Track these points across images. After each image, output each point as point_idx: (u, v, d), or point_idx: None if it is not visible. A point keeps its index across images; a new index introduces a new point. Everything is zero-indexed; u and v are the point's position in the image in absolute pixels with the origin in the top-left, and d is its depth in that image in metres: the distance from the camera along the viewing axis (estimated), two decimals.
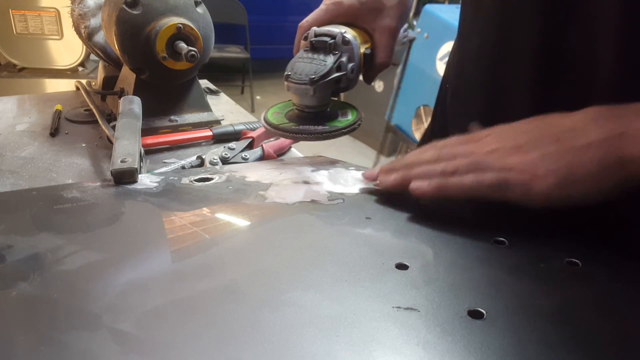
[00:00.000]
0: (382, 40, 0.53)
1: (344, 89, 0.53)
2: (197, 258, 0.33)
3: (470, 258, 0.34)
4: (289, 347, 0.25)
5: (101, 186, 0.44)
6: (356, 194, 0.44)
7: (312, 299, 0.28)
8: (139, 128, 0.55)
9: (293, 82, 0.50)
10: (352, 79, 0.52)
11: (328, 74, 0.49)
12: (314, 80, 0.49)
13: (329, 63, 0.50)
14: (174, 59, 0.70)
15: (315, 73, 0.49)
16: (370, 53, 0.53)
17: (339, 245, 0.35)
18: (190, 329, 0.26)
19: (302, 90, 0.50)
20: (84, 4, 0.81)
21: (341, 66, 0.51)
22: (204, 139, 0.74)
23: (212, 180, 0.47)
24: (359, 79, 0.54)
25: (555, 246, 0.36)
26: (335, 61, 0.50)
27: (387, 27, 0.53)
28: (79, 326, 0.26)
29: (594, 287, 0.31)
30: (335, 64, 0.50)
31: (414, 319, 0.27)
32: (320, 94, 0.51)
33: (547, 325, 0.26)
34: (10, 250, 0.33)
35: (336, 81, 0.51)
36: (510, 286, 0.30)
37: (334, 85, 0.51)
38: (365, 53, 0.53)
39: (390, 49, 0.54)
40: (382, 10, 0.53)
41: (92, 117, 0.79)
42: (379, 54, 0.53)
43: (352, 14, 0.53)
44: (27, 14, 1.66)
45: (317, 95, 0.50)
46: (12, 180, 0.59)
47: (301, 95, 0.52)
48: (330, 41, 0.51)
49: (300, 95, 0.52)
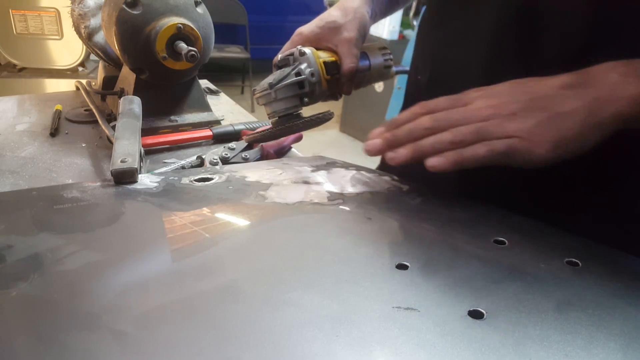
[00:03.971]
0: (343, 49, 0.61)
1: (310, 94, 0.60)
2: (197, 258, 0.33)
3: (470, 258, 0.34)
4: (289, 347, 0.25)
5: (101, 186, 0.44)
6: (356, 194, 0.44)
7: (312, 299, 0.28)
8: (139, 128, 0.55)
9: (258, 93, 0.60)
10: (314, 82, 0.59)
11: (285, 78, 0.58)
12: (272, 84, 0.58)
13: (287, 70, 0.59)
14: (174, 59, 0.70)
15: (274, 79, 0.58)
16: (334, 62, 0.61)
17: (339, 245, 0.35)
18: (190, 329, 0.26)
19: (267, 96, 0.60)
20: (84, 4, 0.81)
21: (300, 72, 0.58)
22: (204, 139, 0.74)
23: (212, 180, 0.47)
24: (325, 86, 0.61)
25: (555, 246, 0.36)
26: (293, 68, 0.59)
27: (345, 38, 0.61)
28: (79, 326, 0.26)
29: (594, 287, 0.31)
30: (293, 70, 0.59)
31: (414, 319, 0.27)
32: (283, 96, 0.59)
33: (547, 325, 0.27)
34: (10, 250, 0.32)
35: (299, 85, 0.59)
36: (510, 286, 0.30)
37: (296, 88, 0.59)
38: (326, 61, 0.60)
39: (353, 56, 0.61)
40: (339, 27, 0.62)
41: (92, 117, 0.79)
42: (343, 61, 0.61)
43: (313, 38, 0.62)
44: (27, 14, 1.66)
45: (281, 98, 0.59)
46: (12, 180, 0.59)
47: (268, 102, 0.60)
48: (289, 56, 0.60)
49: (267, 103, 0.61)
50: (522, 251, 0.35)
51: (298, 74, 0.58)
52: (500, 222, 0.39)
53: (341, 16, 0.62)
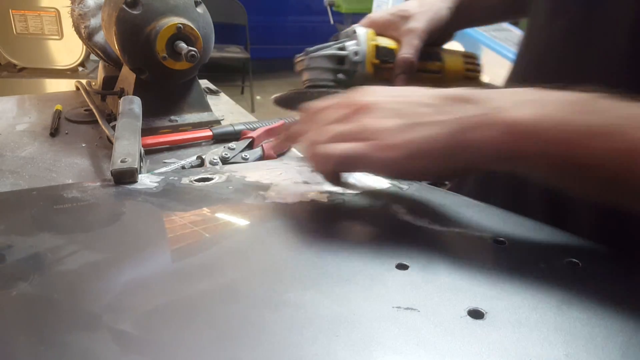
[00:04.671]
0: (405, 39, 0.57)
1: (348, 72, 0.56)
2: (197, 258, 0.33)
3: (470, 258, 0.34)
4: (289, 347, 0.25)
5: (101, 186, 0.44)
6: (356, 194, 0.44)
7: (312, 299, 0.28)
8: (139, 128, 0.55)
9: (298, 58, 0.57)
10: (357, 62, 0.56)
11: (323, 48, 0.56)
12: (309, 51, 0.56)
13: (330, 42, 0.56)
14: (174, 59, 0.70)
15: (315, 48, 0.56)
16: (389, 49, 0.57)
17: (339, 245, 0.35)
18: (190, 329, 0.26)
19: (301, 62, 0.57)
20: (84, 4, 0.81)
21: (343, 48, 0.55)
22: (204, 139, 0.74)
23: (212, 180, 0.47)
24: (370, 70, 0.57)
25: (555, 246, 0.36)
26: (337, 42, 0.56)
27: (409, 28, 0.57)
28: (79, 326, 0.26)
29: (594, 287, 0.31)
30: (337, 44, 0.56)
31: (414, 319, 0.27)
32: (315, 65, 0.56)
33: (547, 325, 0.27)
34: (10, 250, 0.33)
35: (338, 60, 0.55)
36: (510, 286, 0.30)
37: (334, 62, 0.56)
38: (380, 45, 0.57)
39: (411, 46, 0.57)
40: (409, 17, 0.58)
41: (92, 117, 0.79)
42: (401, 50, 0.57)
43: (380, 24, 0.59)
44: (27, 14, 1.66)
45: (313, 67, 0.56)
46: (12, 180, 0.59)
47: (301, 69, 0.58)
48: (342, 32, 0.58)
49: (301, 70, 0.58)
50: (522, 251, 0.35)
51: (342, 49, 0.55)
52: (500, 222, 0.39)
53: (416, 6, 0.59)
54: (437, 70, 0.60)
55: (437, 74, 0.60)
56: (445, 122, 0.33)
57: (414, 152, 0.33)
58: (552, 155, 0.30)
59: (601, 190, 0.32)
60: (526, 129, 0.30)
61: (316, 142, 0.38)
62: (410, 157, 0.34)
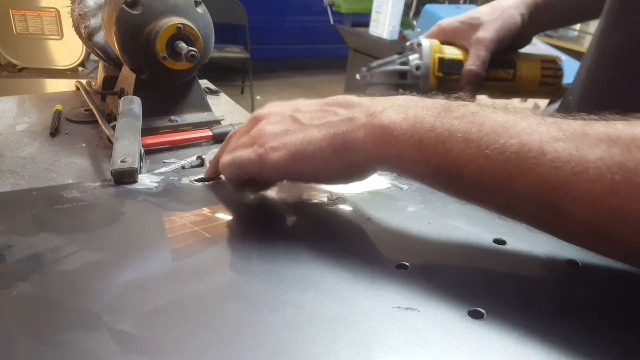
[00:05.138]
0: (472, 50, 0.56)
1: (411, 86, 0.56)
2: (197, 258, 0.33)
3: (470, 258, 0.34)
4: (289, 347, 0.25)
5: (101, 186, 0.44)
6: (356, 194, 0.44)
7: (312, 299, 0.29)
8: (139, 128, 0.55)
9: (359, 73, 0.58)
10: (418, 76, 0.56)
11: (386, 64, 0.56)
12: (371, 66, 0.56)
13: (395, 57, 0.56)
14: (174, 59, 0.70)
15: (377, 63, 0.56)
16: (454, 60, 0.57)
17: (339, 245, 0.35)
18: (190, 329, 0.26)
19: (364, 78, 0.57)
20: (84, 4, 0.81)
21: (406, 62, 0.56)
22: (204, 139, 0.74)
23: (212, 180, 0.47)
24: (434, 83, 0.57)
25: (555, 246, 0.36)
26: (401, 56, 0.56)
27: (479, 38, 0.56)
28: (79, 326, 0.26)
29: (594, 287, 0.31)
30: (400, 58, 0.56)
31: (414, 319, 0.27)
32: (377, 81, 0.56)
33: (547, 326, 0.27)
34: (10, 250, 0.33)
35: (400, 75, 0.56)
36: (510, 286, 0.30)
37: (396, 77, 0.56)
38: (444, 58, 0.56)
39: (479, 59, 0.56)
40: (479, 25, 0.57)
41: (92, 117, 0.79)
42: (467, 62, 0.56)
43: (450, 32, 0.58)
44: (27, 14, 1.65)
45: (375, 83, 0.57)
46: (12, 180, 0.59)
47: (364, 84, 0.58)
48: (407, 44, 0.58)
49: (364, 85, 0.58)
50: (522, 251, 0.35)
51: (404, 63, 0.56)
52: (500, 222, 0.39)
53: (487, 13, 0.57)
54: (509, 79, 0.59)
55: (509, 81, 0.59)
56: (324, 124, 0.35)
57: (294, 152, 0.35)
58: (406, 157, 0.31)
59: (465, 193, 0.32)
60: (386, 131, 0.32)
61: (221, 156, 0.41)
62: (292, 158, 0.35)
